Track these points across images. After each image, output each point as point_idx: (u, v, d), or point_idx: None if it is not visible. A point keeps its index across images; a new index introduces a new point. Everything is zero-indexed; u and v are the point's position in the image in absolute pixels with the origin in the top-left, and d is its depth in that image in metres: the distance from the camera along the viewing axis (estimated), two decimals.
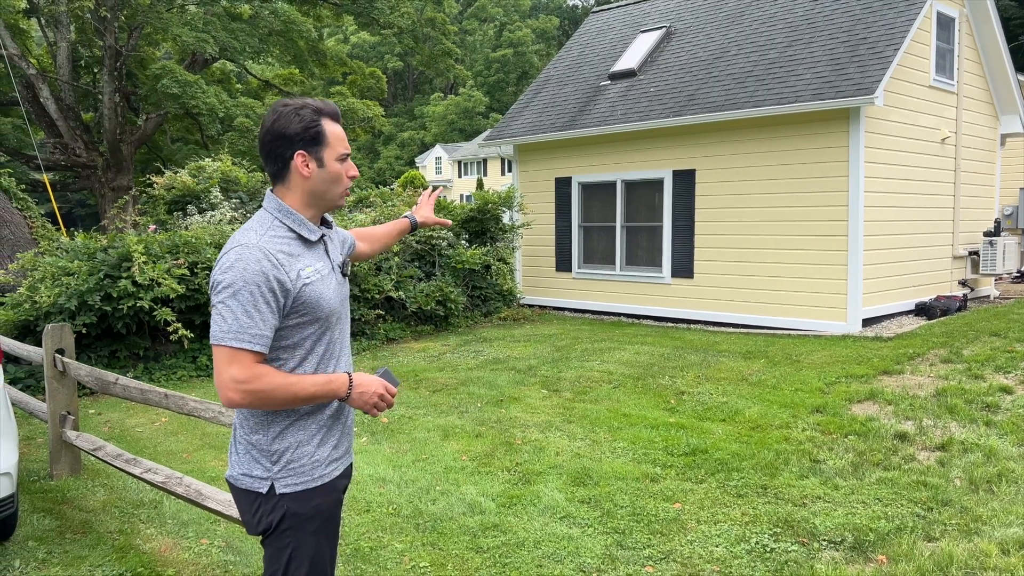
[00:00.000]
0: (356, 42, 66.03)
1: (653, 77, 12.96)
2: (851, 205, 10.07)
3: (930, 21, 11.26)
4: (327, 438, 2.15)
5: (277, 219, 2.09)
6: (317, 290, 2.07)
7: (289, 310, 2.03)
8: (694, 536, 4.22)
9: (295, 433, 2.10)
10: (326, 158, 2.10)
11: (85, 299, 8.19)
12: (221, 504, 3.76)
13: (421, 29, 24.44)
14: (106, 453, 4.78)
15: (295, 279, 2.02)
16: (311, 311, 2.06)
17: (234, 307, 1.96)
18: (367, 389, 2.11)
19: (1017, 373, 7.26)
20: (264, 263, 1.97)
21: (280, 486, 2.08)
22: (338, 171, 2.12)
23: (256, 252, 1.98)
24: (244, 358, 1.96)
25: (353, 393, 2.10)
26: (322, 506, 2.12)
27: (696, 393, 7.35)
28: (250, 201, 11.12)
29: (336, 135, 2.12)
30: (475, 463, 5.58)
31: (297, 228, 2.09)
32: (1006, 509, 4.38)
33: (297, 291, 2.02)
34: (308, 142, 2.07)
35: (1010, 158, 16.52)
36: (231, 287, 1.96)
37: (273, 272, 1.98)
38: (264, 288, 1.97)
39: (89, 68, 25.35)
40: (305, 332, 2.08)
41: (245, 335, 1.95)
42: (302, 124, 2.07)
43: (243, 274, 1.96)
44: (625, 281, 12.70)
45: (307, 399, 2.03)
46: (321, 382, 2.05)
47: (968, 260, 12.59)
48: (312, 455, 2.11)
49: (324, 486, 2.13)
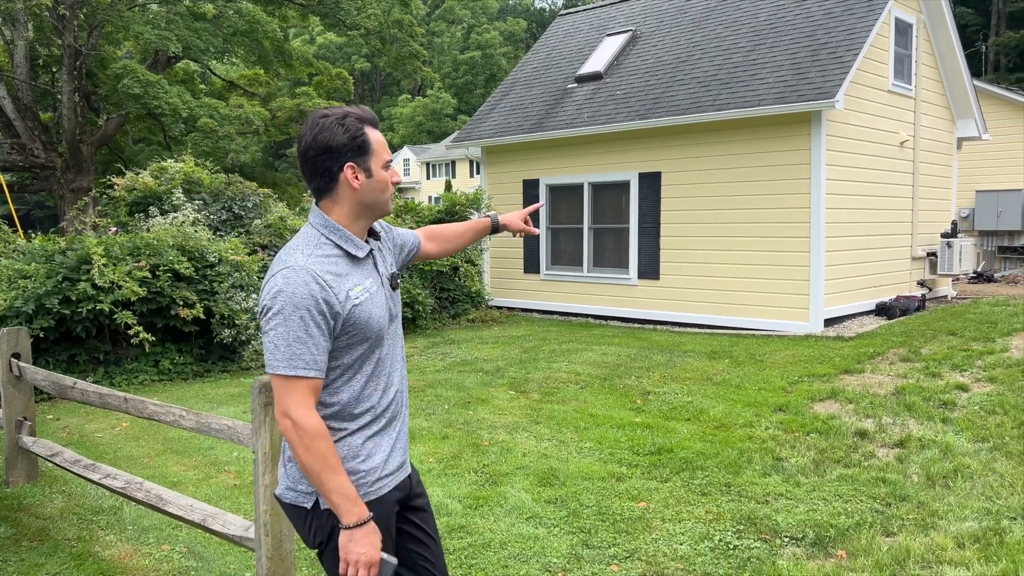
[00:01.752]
0: (323, 43, 65.55)
1: (619, 80, 13.05)
2: (813, 207, 10.24)
3: (889, 27, 11.49)
4: (374, 453, 2.09)
5: (324, 236, 2.04)
6: (367, 310, 2.02)
7: (339, 332, 1.99)
8: (659, 534, 4.25)
9: (340, 449, 2.04)
10: (373, 167, 2.05)
11: (43, 302, 8.02)
12: (182, 509, 3.71)
13: (388, 31, 24.31)
14: (64, 459, 4.68)
15: (344, 301, 1.97)
16: (361, 331, 2.01)
17: (285, 334, 1.91)
18: (363, 542, 1.96)
19: (973, 371, 7.43)
20: (313, 286, 1.92)
21: (324, 501, 2.02)
22: (385, 179, 2.07)
23: (304, 275, 1.93)
24: (299, 386, 1.93)
25: (355, 534, 1.96)
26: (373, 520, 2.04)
27: (662, 393, 7.41)
28: (213, 202, 10.98)
29: (379, 142, 2.08)
30: (442, 465, 5.56)
31: (344, 245, 2.04)
32: (961, 503, 4.48)
33: (347, 313, 1.98)
34: (356, 152, 2.03)
35: (967, 161, 16.92)
36: (281, 313, 1.92)
37: (322, 295, 1.93)
38: (315, 311, 1.92)
39: (48, 67, 24.83)
40: (355, 353, 2.03)
41: (299, 362, 1.92)
42: (348, 135, 2.02)
43: (292, 299, 1.91)
44: (593, 283, 12.77)
45: (325, 491, 1.94)
46: (347, 495, 1.95)
47: (927, 261, 12.86)
48: (357, 472, 2.05)
49: (371, 502, 2.06)
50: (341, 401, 2.05)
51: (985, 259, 18.07)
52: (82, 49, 20.99)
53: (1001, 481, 4.80)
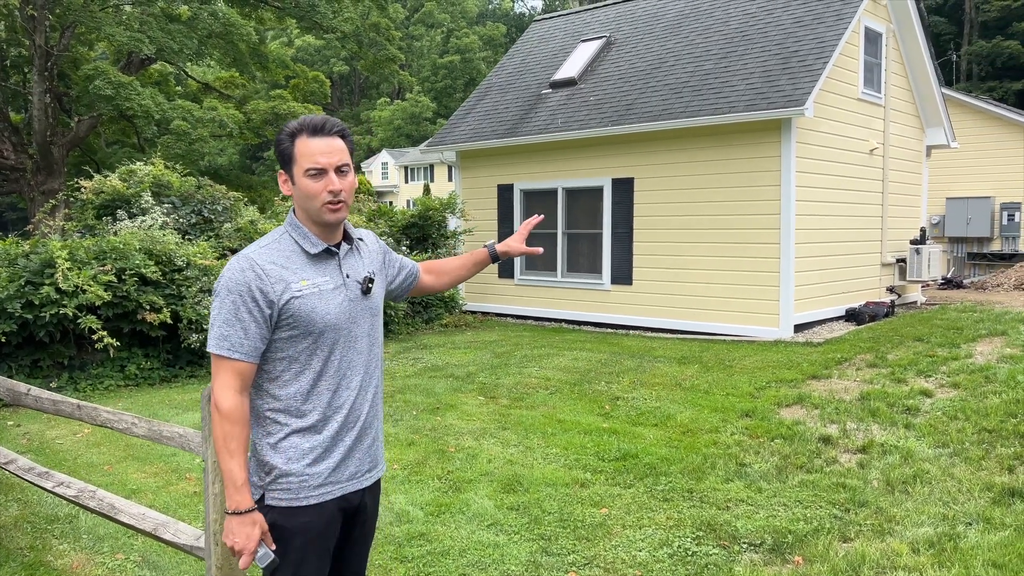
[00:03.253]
0: (301, 45, 65.22)
1: (593, 86, 13.10)
2: (783, 213, 10.32)
3: (858, 36, 11.63)
4: (322, 459, 2.13)
5: (287, 232, 2.16)
6: (310, 304, 2.07)
7: (278, 321, 2.06)
8: (619, 541, 4.25)
9: (287, 450, 2.11)
10: (295, 175, 2.12)
11: (4, 306, 7.89)
12: (134, 518, 3.65)
13: (366, 34, 24.25)
14: (17, 467, 4.59)
15: (281, 291, 2.05)
16: (303, 325, 2.08)
17: (219, 316, 2.04)
18: (238, 531, 2.04)
19: (937, 377, 7.51)
20: (248, 273, 2.04)
21: (268, 497, 2.11)
22: (308, 187, 2.10)
23: (243, 262, 2.06)
24: (225, 366, 2.04)
25: (231, 521, 2.04)
26: (309, 524, 2.11)
27: (630, 398, 7.42)
28: (183, 206, 10.87)
29: (305, 151, 2.11)
30: (406, 471, 5.53)
31: (300, 241, 2.13)
32: (919, 509, 4.52)
33: (283, 303, 2.05)
34: (284, 162, 2.15)
35: (938, 169, 17.15)
36: (218, 296, 2.06)
37: (256, 282, 2.03)
38: (247, 297, 2.02)
39: (19, 67, 24.51)
40: (298, 346, 2.09)
41: (225, 343, 2.03)
42: (279, 147, 2.15)
43: (228, 283, 2.04)
44: (566, 288, 12.78)
45: (222, 467, 2.04)
46: (233, 480, 2.03)
47: (896, 267, 13.01)
48: (301, 474, 2.10)
49: (312, 507, 2.12)
50: (289, 394, 2.11)
51: (955, 265, 18.33)
52: (53, 50, 20.74)
53: (959, 486, 4.85)
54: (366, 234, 2.38)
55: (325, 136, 2.12)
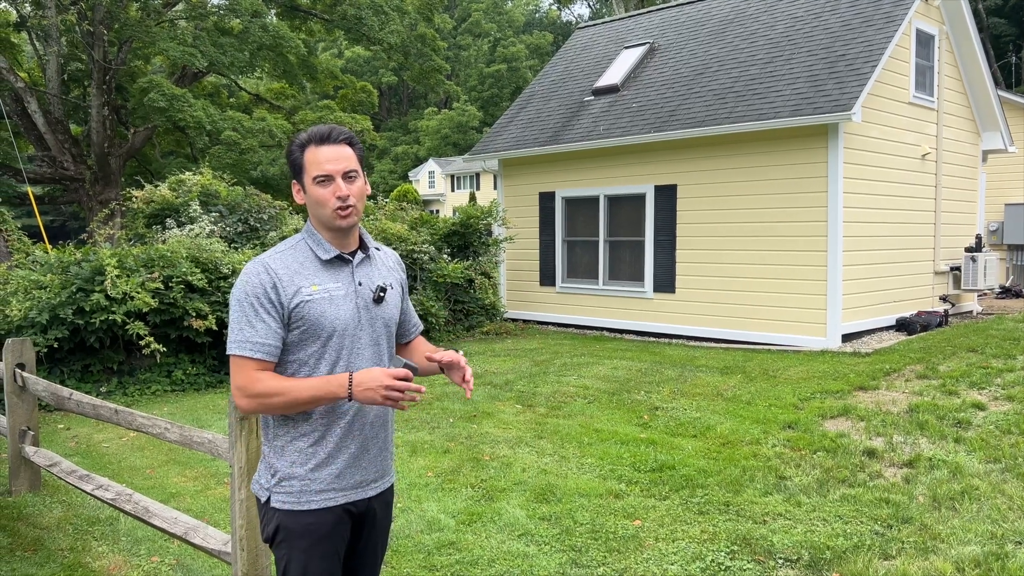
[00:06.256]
0: (351, 56, 66.18)
1: (636, 93, 13.00)
2: (830, 221, 10.08)
3: (909, 38, 11.33)
4: (325, 464, 2.15)
5: (303, 239, 2.22)
6: (319, 308, 2.12)
7: (289, 323, 2.11)
8: (650, 553, 4.17)
9: (291, 453, 2.15)
10: (306, 183, 2.16)
11: (57, 313, 8.13)
12: (167, 521, 3.71)
13: (412, 45, 24.51)
14: (61, 469, 4.72)
15: (292, 294, 2.10)
16: (312, 328, 2.12)
17: (237, 318, 2.10)
18: (369, 384, 2.02)
19: (991, 389, 7.24)
20: (262, 276, 2.10)
21: (274, 500, 2.16)
22: (318, 194, 2.14)
23: (257, 266, 2.12)
24: (246, 365, 2.07)
25: (355, 391, 2.04)
26: (314, 526, 2.14)
27: (670, 408, 7.31)
28: (230, 214, 11.09)
29: (313, 159, 2.15)
30: (440, 479, 5.53)
31: (314, 247, 2.19)
32: (966, 527, 4.34)
33: (293, 306, 2.10)
34: (294, 172, 2.21)
35: (996, 173, 16.60)
36: (235, 299, 2.11)
37: (269, 284, 2.09)
38: (262, 299, 2.08)
39: (79, 81, 25.37)
40: (308, 349, 2.14)
41: (246, 344, 2.07)
42: (290, 158, 2.21)
43: (243, 287, 2.10)
44: (608, 296, 12.68)
45: (308, 401, 2.06)
46: (319, 384, 2.07)
47: (950, 276, 12.60)
48: (303, 478, 2.14)
49: (316, 511, 2.15)
50: None
51: (1014, 274, 17.68)
52: (111, 64, 21.41)
53: (1010, 504, 4.65)
54: (391, 253, 2.41)
55: (332, 144, 2.16)
